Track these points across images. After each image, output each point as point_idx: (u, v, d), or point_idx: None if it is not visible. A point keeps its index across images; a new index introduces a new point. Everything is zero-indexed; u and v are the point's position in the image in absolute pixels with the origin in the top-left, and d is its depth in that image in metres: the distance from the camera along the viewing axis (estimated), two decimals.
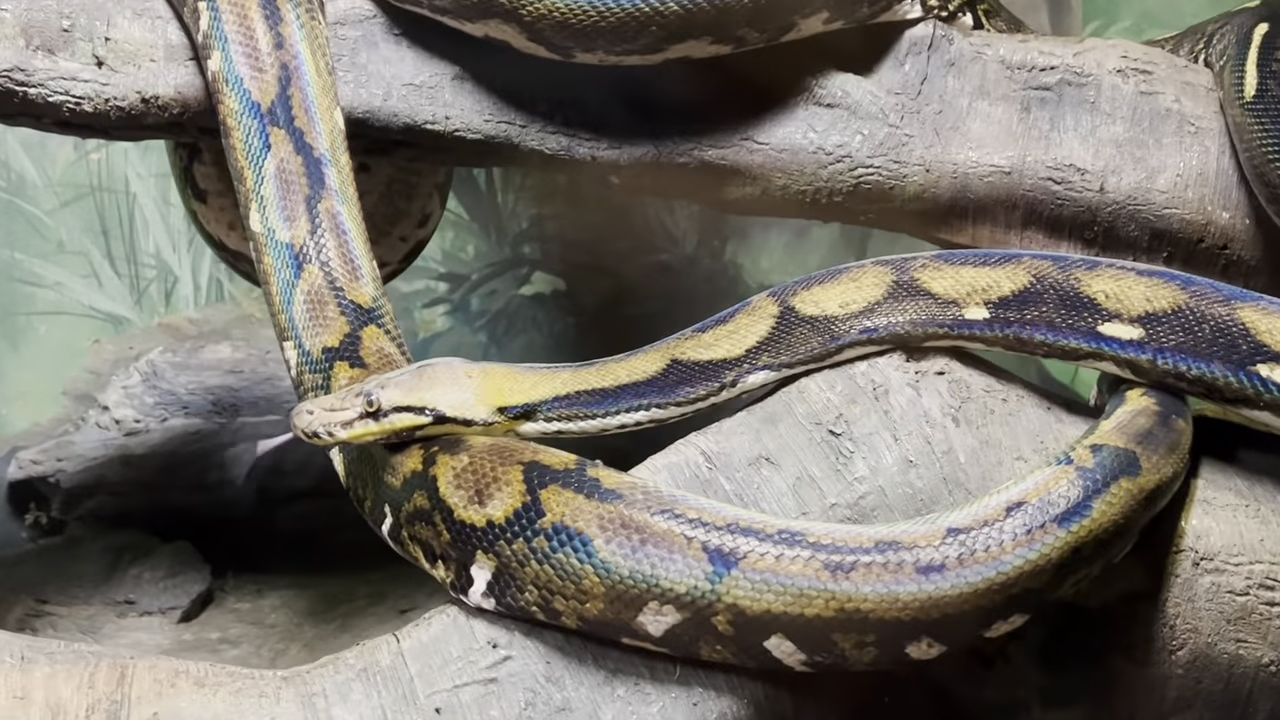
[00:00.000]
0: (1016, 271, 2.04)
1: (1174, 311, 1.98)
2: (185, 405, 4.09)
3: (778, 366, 2.07)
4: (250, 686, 1.83)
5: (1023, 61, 2.63)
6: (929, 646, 1.75)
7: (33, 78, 2.50)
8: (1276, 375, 1.95)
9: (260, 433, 4.15)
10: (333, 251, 2.38)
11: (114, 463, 3.96)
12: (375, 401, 1.96)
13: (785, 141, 2.66)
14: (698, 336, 2.09)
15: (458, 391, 2.00)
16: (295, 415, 1.99)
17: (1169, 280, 2.02)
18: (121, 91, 2.55)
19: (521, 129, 2.67)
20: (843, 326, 2.05)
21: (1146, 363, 1.99)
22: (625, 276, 4.59)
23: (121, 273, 4.18)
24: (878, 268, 2.10)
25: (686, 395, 2.07)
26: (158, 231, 4.21)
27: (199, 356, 4.20)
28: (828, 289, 2.10)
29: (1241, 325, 1.95)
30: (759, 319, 2.09)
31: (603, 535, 1.79)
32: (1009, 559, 1.71)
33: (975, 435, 1.94)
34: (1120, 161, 2.57)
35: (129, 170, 4.15)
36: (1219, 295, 1.98)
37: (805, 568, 1.72)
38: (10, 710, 1.66)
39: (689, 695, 1.82)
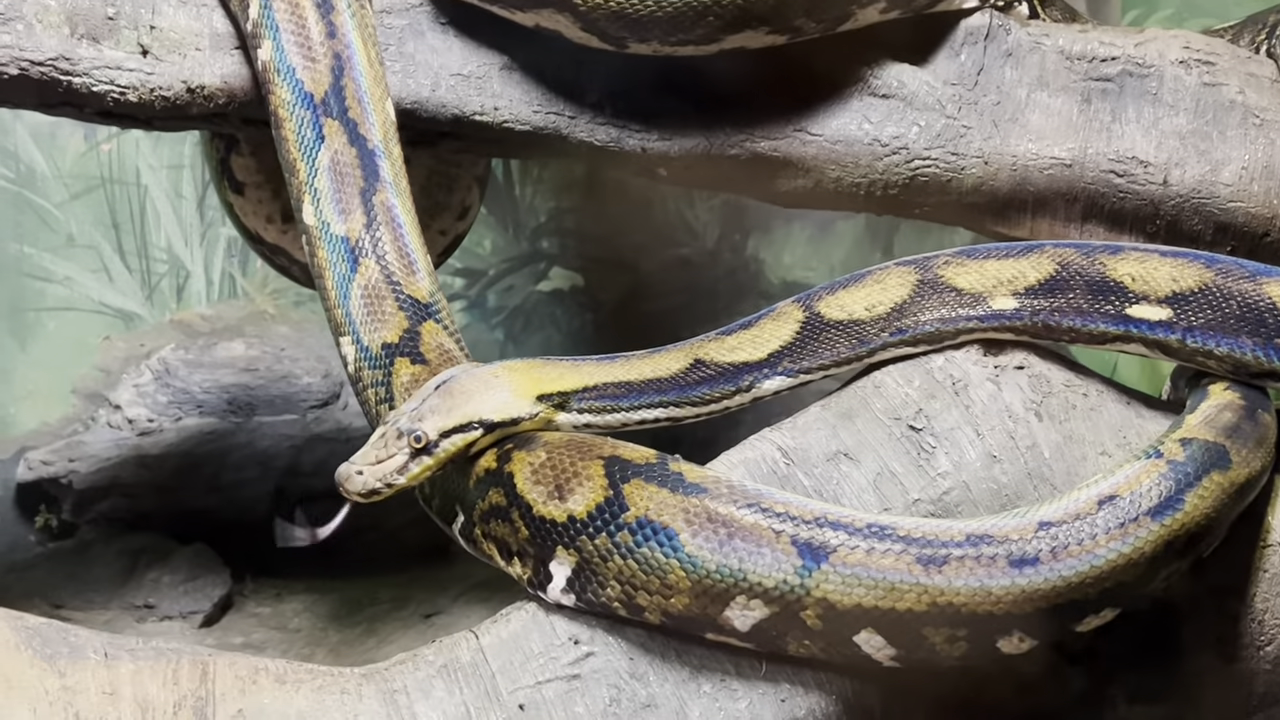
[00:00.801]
0: (1041, 260, 2.14)
1: (1200, 290, 2.08)
2: (200, 404, 4.15)
3: (796, 372, 2.17)
4: (331, 684, 1.90)
5: (1083, 52, 2.71)
6: (1020, 641, 1.83)
7: (78, 67, 2.56)
8: None
9: (277, 432, 4.20)
10: (388, 245, 2.45)
11: (128, 463, 4.01)
12: (423, 436, 1.98)
13: (840, 133, 2.73)
14: (722, 339, 2.19)
15: (494, 395, 2.05)
16: (345, 480, 1.96)
17: (1194, 260, 2.13)
18: (167, 81, 2.61)
19: (571, 120, 2.73)
20: (871, 330, 2.15)
21: (1176, 342, 2.09)
22: (644, 271, 4.66)
23: (132, 267, 4.23)
24: (901, 268, 2.19)
25: (703, 395, 2.16)
26: (169, 225, 4.26)
27: (212, 354, 4.25)
28: (852, 293, 2.19)
29: (1269, 300, 2.06)
30: (783, 324, 2.18)
31: (689, 529, 1.86)
32: (1102, 552, 1.79)
33: (1059, 430, 2.02)
34: (1184, 154, 2.65)
35: (140, 162, 4.20)
36: (1244, 272, 2.08)
37: (897, 561, 1.79)
38: (101, 707, 1.72)
39: (776, 692, 1.89)
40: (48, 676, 1.73)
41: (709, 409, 2.18)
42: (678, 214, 4.66)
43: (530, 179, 4.55)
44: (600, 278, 4.67)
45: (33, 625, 1.85)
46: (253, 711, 1.82)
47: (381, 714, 1.87)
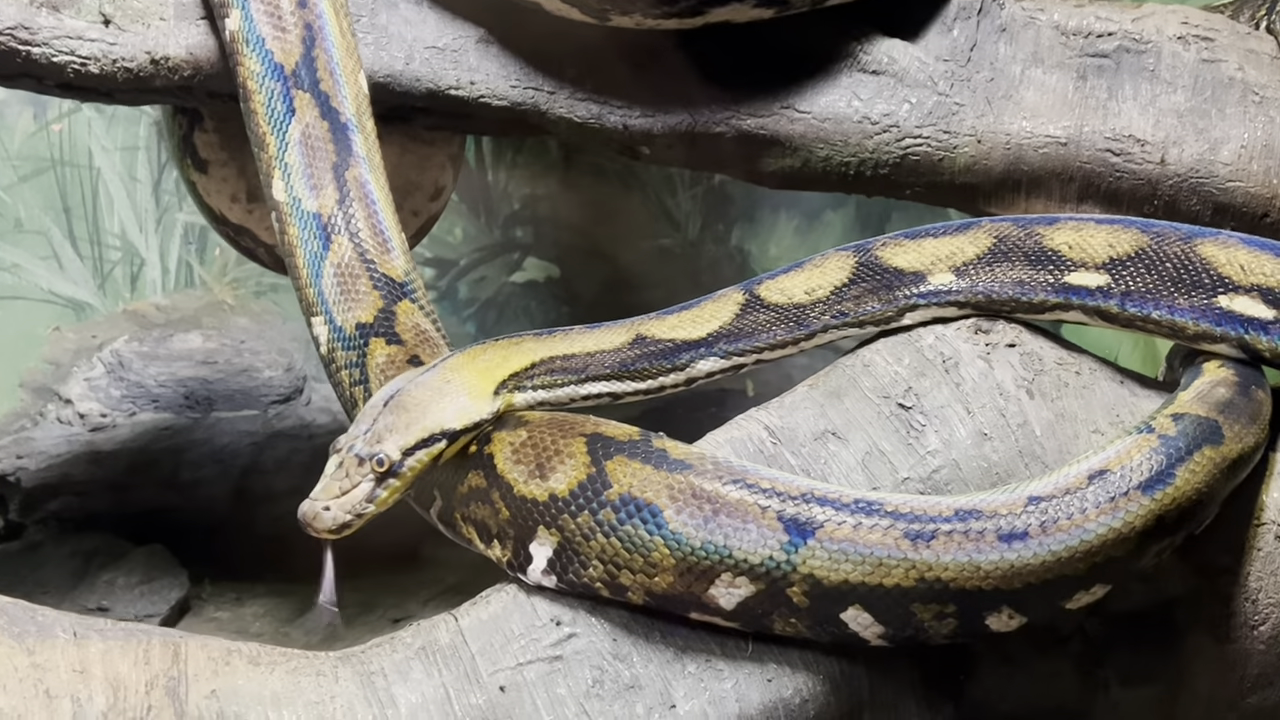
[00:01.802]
0: (978, 235, 2.32)
1: (1136, 254, 2.25)
2: (155, 399, 4.21)
3: (730, 353, 2.31)
4: (306, 666, 1.98)
5: (1078, 27, 2.82)
6: (1009, 618, 1.93)
7: (37, 36, 2.64)
8: (1236, 305, 2.21)
9: (236, 428, 4.27)
10: (362, 222, 2.53)
11: (79, 460, 4.07)
12: (385, 459, 1.99)
13: (828, 110, 2.83)
14: (664, 318, 2.33)
15: (451, 401, 2.07)
16: (311, 517, 1.98)
17: (1129, 226, 2.31)
18: (130, 52, 2.69)
19: (550, 95, 2.82)
20: (811, 313, 2.29)
21: (1115, 309, 2.25)
22: (623, 262, 4.74)
23: (84, 254, 4.29)
24: (840, 253, 2.37)
25: (643, 370, 2.28)
26: (123, 209, 4.32)
27: (168, 346, 4.31)
28: (793, 278, 2.35)
29: (1202, 259, 2.23)
30: (724, 306, 2.33)
31: (673, 505, 1.96)
32: (1092, 526, 1.90)
33: (1050, 408, 2.13)
34: (1182, 132, 2.76)
35: (93, 143, 4.26)
36: (1179, 234, 2.26)
37: (884, 536, 1.89)
38: (72, 684, 1.80)
39: (763, 671, 1.99)
40: (16, 654, 1.81)
41: (647, 385, 2.30)
42: (659, 202, 4.74)
43: (504, 163, 4.62)
44: (577, 269, 4.75)
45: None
46: (226, 692, 1.90)
47: (358, 696, 1.96)
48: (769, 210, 4.82)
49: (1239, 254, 2.24)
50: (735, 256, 4.83)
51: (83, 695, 1.81)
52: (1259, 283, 2.20)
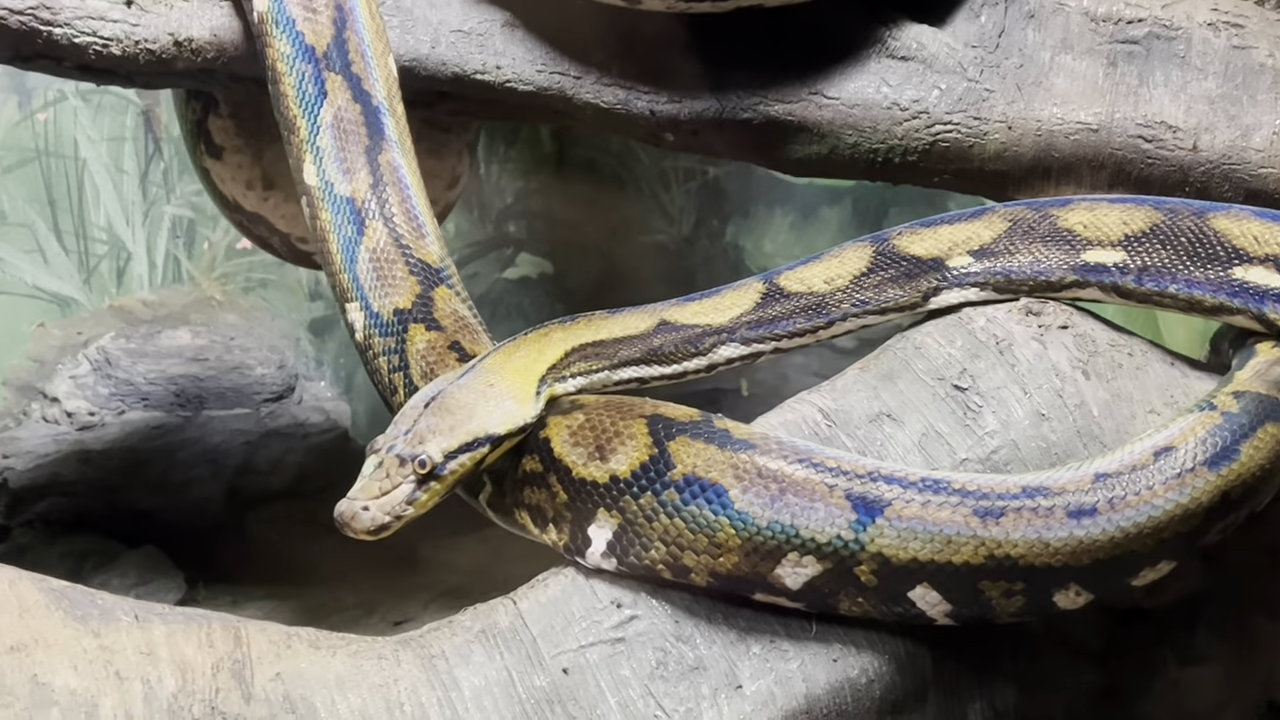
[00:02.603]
0: (993, 220, 2.45)
1: (1151, 230, 2.38)
2: (144, 397, 4.23)
3: (753, 340, 2.40)
4: (366, 649, 2.03)
5: (1108, 14, 2.91)
6: (1077, 595, 2.01)
7: (58, 16, 2.67)
8: (1251, 276, 2.33)
9: (229, 427, 4.30)
10: (396, 207, 2.57)
11: (68, 460, 4.08)
12: (428, 461, 2.03)
13: (857, 96, 2.90)
14: (685, 305, 2.42)
15: (495, 404, 2.12)
16: (349, 518, 1.99)
17: (1142, 203, 2.44)
18: (153, 33, 2.72)
19: (576, 80, 2.88)
20: (831, 301, 2.39)
21: (1131, 285, 2.37)
22: (617, 258, 4.80)
23: (69, 248, 4.30)
24: (857, 244, 2.48)
25: (668, 354, 2.37)
26: (110, 202, 4.34)
27: (156, 343, 4.33)
28: (812, 268, 2.46)
29: (1216, 233, 2.35)
30: (745, 294, 2.44)
31: (739, 485, 2.02)
32: (1160, 503, 1.98)
33: (1106, 388, 2.21)
34: (1213, 119, 2.86)
35: (79, 133, 4.28)
36: (1191, 210, 2.42)
37: (953, 514, 1.97)
38: (141, 667, 1.84)
39: (828, 652, 2.05)
40: (83, 636, 1.85)
41: (671, 370, 2.38)
42: (653, 197, 4.80)
43: (497, 157, 4.67)
44: (570, 264, 4.80)
45: (58, 587, 1.96)
46: (290, 675, 1.94)
47: (421, 679, 2.01)
48: (763, 206, 4.89)
49: (1252, 226, 2.36)
50: (729, 252, 4.89)
51: (152, 677, 1.84)
52: (1273, 253, 2.32)
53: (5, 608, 1.83)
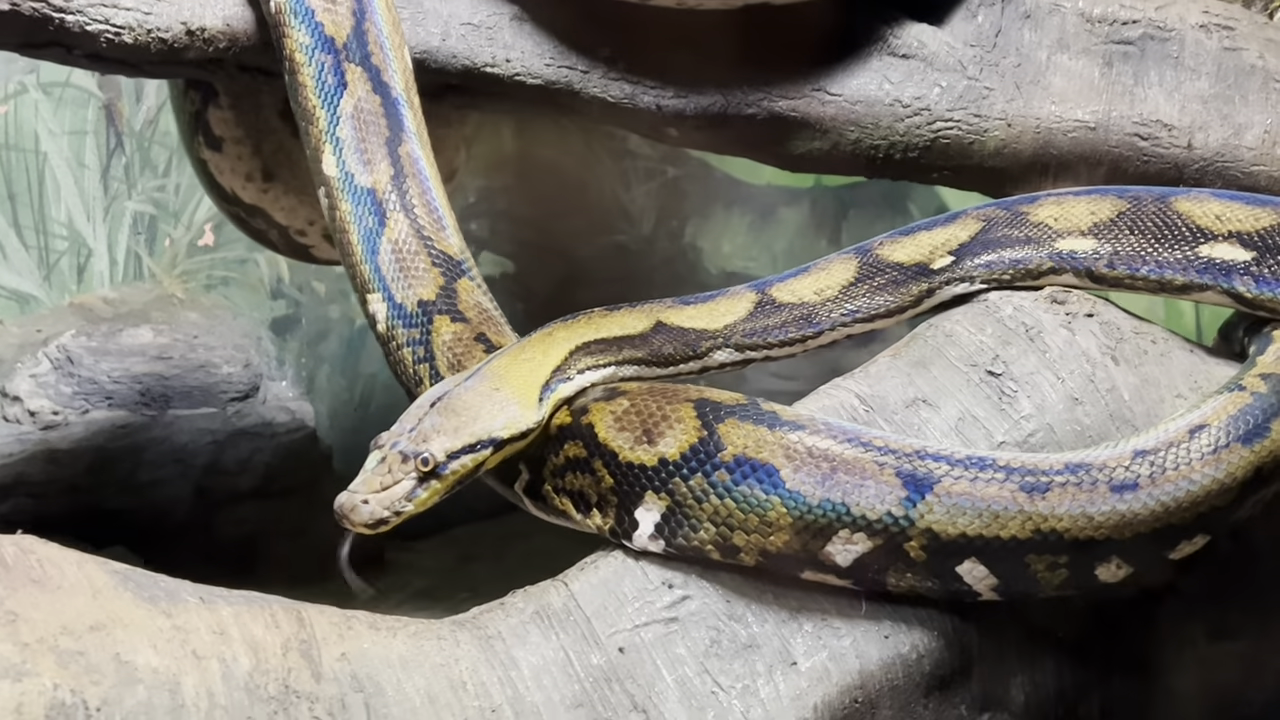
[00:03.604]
0: (967, 222, 2.60)
1: (1118, 217, 2.54)
2: (109, 396, 4.23)
3: (742, 348, 2.52)
4: (425, 630, 2.10)
5: (1103, 15, 3.07)
6: (1118, 568, 2.14)
7: (71, 4, 2.70)
8: (1216, 252, 2.49)
9: (195, 426, 4.31)
10: (416, 199, 2.64)
11: (34, 460, 4.07)
12: (430, 459, 2.09)
13: (859, 93, 3.02)
14: (680, 308, 2.52)
15: (501, 408, 2.19)
16: (348, 510, 2.05)
17: (1106, 193, 2.61)
18: (166, 22, 2.76)
19: (584, 75, 2.97)
20: (821, 311, 2.51)
21: (1105, 269, 2.52)
22: (578, 258, 4.89)
23: (29, 244, 4.30)
24: (842, 256, 2.61)
25: (668, 355, 2.47)
26: (70, 197, 4.34)
27: (118, 341, 4.33)
28: (801, 280, 2.58)
29: (1179, 214, 2.52)
30: (738, 302, 2.54)
31: (790, 465, 2.12)
32: (1198, 477, 2.12)
33: (1135, 374, 2.35)
34: (1207, 118, 3.02)
35: (40, 126, 4.28)
36: (1154, 195, 2.58)
37: (1001, 490, 2.08)
38: (215, 646, 1.89)
39: (879, 629, 2.16)
40: (155, 617, 1.90)
41: (668, 370, 2.49)
42: (614, 198, 4.90)
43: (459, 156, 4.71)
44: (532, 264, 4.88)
45: (121, 569, 2.01)
46: (355, 655, 2.01)
47: (481, 659, 2.08)
48: (722, 207, 5.01)
49: (1212, 206, 2.54)
50: (689, 253, 5.00)
51: (228, 656, 1.90)
52: (1235, 229, 2.50)
53: (78, 589, 1.88)
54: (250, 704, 1.88)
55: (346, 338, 4.74)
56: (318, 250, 3.38)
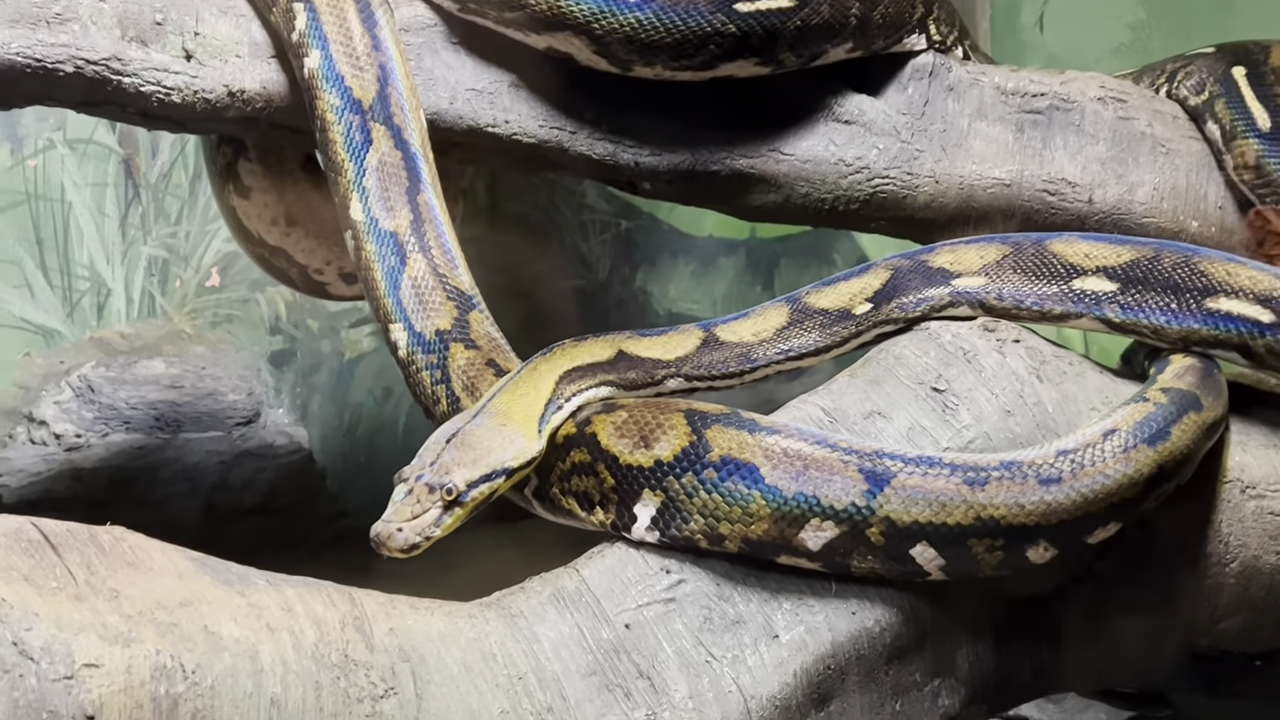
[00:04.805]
0: (879, 272, 2.76)
1: (1002, 259, 2.72)
2: (127, 420, 4.30)
3: (690, 378, 2.66)
4: (458, 610, 2.22)
5: (1015, 88, 3.28)
6: (1045, 550, 2.31)
7: (128, 67, 2.82)
8: (1087, 285, 2.67)
9: (204, 448, 4.39)
10: (433, 241, 2.78)
11: (60, 478, 4.13)
12: (454, 489, 2.18)
13: (809, 153, 3.20)
14: (638, 339, 2.66)
15: (508, 440, 2.28)
16: (385, 537, 2.13)
17: (992, 240, 2.80)
18: (210, 84, 2.88)
19: (572, 135, 3.12)
20: (758, 350, 2.68)
21: (994, 301, 2.69)
22: (541, 300, 5.03)
23: (54, 284, 4.36)
24: (776, 304, 2.77)
25: (630, 381, 2.60)
26: (92, 243, 4.41)
27: (134, 371, 4.41)
28: (742, 324, 2.74)
29: (1053, 254, 2.70)
30: (688, 338, 2.69)
31: (768, 464, 2.28)
32: (1111, 472, 2.30)
33: (1057, 390, 2.53)
34: (1105, 176, 3.24)
35: (65, 179, 4.36)
36: (1031, 239, 2.73)
37: (947, 484, 2.26)
38: (286, 621, 2.00)
39: (847, 606, 2.32)
40: (232, 596, 2.00)
41: (629, 395, 2.60)
42: (574, 247, 5.04)
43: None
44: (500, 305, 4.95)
45: (197, 556, 2.11)
46: (401, 630, 2.13)
47: (508, 634, 2.21)
48: (669, 256, 5.17)
49: (1081, 246, 2.73)
50: (639, 296, 5.15)
51: (296, 629, 2.01)
52: (1101, 264, 2.68)
53: (166, 571, 1.98)
54: (317, 670, 1.99)
55: (336, 370, 4.83)
56: (332, 287, 3.49)
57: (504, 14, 2.98)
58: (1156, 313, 2.64)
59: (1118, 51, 4.34)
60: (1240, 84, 3.19)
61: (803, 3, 3.00)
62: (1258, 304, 2.58)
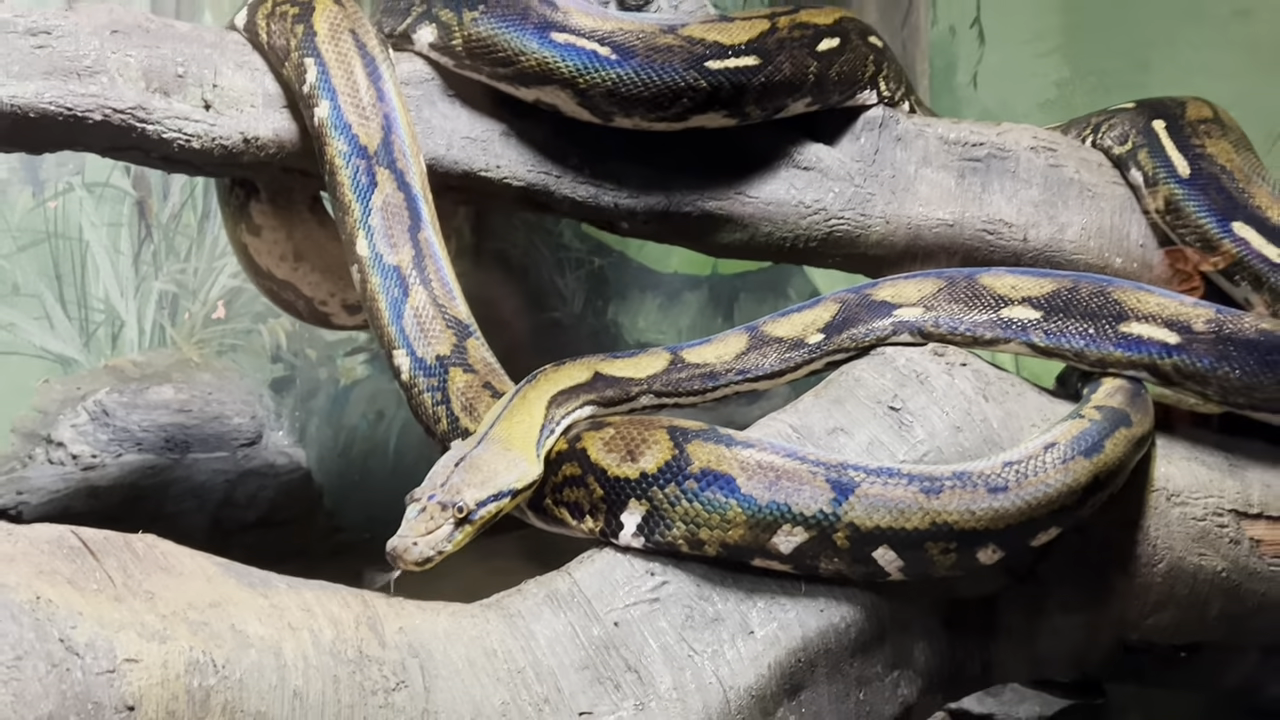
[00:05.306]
0: (829, 305, 2.83)
1: (937, 292, 2.78)
2: (139, 442, 4.29)
3: (659, 395, 2.72)
4: (460, 610, 2.24)
5: (957, 139, 3.35)
6: (993, 552, 2.36)
7: (152, 116, 2.84)
8: (1014, 314, 2.74)
9: (211, 468, 4.38)
10: (432, 275, 2.81)
11: (77, 495, 4.11)
12: (465, 507, 2.20)
13: (772, 196, 3.26)
14: (611, 361, 2.72)
15: (512, 464, 2.31)
16: (402, 551, 2.14)
17: (929, 275, 2.87)
18: (227, 132, 2.91)
19: (557, 178, 3.17)
20: (720, 371, 2.74)
21: (932, 328, 2.75)
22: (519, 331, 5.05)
23: (72, 316, 4.35)
24: (737, 332, 2.84)
25: (608, 399, 2.65)
26: (107, 277, 4.41)
27: (145, 397, 4.40)
28: (706, 348, 2.80)
29: (983, 286, 2.78)
30: (656, 360, 2.76)
31: (744, 475, 2.32)
32: (1052, 481, 2.36)
33: (1001, 408, 2.59)
34: (1038, 218, 3.31)
35: (83, 219, 4.35)
36: (964, 274, 2.81)
37: (905, 492, 2.31)
38: (304, 619, 2.02)
39: (816, 604, 2.36)
40: (256, 597, 2.02)
41: (607, 410, 2.65)
42: (550, 282, 5.08)
43: None
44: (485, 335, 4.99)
45: (223, 562, 2.13)
46: (409, 629, 2.14)
47: (507, 632, 2.23)
48: (638, 290, 5.21)
49: (1008, 279, 2.81)
50: (611, 327, 5.18)
51: (315, 628, 2.02)
52: (1026, 295, 2.76)
53: (195, 575, 1.99)
54: (335, 665, 2.01)
55: (333, 395, 4.84)
56: (335, 317, 3.51)
57: (496, 69, 3.03)
58: (1076, 338, 2.70)
59: (1044, 106, 4.42)
60: (1161, 135, 3.28)
61: (766, 62, 3.07)
62: (1165, 327, 2.66)
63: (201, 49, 2.92)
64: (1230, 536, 2.71)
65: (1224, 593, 2.72)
